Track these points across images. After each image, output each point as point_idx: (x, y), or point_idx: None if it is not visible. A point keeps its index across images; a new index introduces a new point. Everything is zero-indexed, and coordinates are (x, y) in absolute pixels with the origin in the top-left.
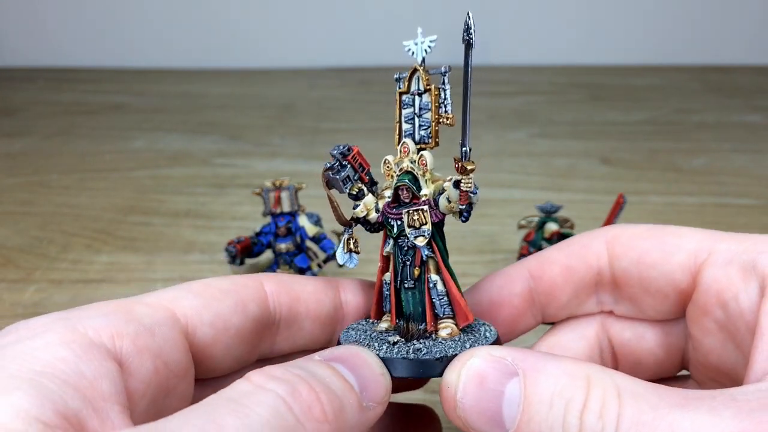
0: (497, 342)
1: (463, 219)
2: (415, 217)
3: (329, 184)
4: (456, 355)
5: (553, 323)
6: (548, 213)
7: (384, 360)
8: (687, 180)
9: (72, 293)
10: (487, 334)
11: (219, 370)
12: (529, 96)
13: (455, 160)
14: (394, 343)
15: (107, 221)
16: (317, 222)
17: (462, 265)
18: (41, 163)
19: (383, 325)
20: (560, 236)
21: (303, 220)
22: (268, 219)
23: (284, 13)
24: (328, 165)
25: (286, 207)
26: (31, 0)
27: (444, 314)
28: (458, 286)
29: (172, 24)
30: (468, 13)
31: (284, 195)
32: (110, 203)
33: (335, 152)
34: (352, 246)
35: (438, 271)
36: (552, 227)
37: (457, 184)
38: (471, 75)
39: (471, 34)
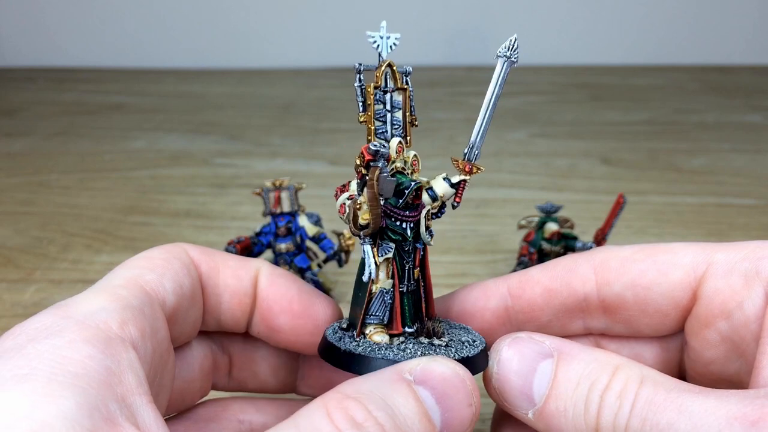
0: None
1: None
2: (429, 218)
3: (380, 188)
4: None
5: None
6: (548, 213)
7: (472, 359)
8: (687, 180)
9: (72, 293)
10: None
11: (183, 337)
12: (529, 96)
13: (458, 161)
14: (446, 346)
15: (107, 221)
16: (317, 222)
17: (462, 265)
18: (41, 163)
19: (382, 336)
20: (560, 236)
21: (303, 220)
22: (268, 219)
23: (284, 13)
24: (381, 165)
25: (286, 207)
26: (31, 0)
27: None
28: None
29: (172, 24)
30: (515, 36)
31: (284, 195)
32: (110, 203)
33: (385, 152)
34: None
35: (423, 269)
36: (552, 227)
37: (457, 183)
38: (502, 87)
39: (515, 53)
